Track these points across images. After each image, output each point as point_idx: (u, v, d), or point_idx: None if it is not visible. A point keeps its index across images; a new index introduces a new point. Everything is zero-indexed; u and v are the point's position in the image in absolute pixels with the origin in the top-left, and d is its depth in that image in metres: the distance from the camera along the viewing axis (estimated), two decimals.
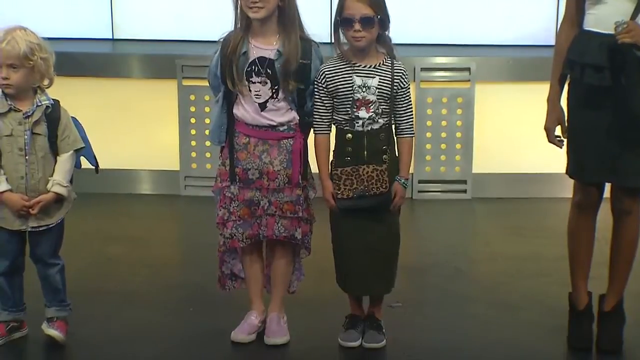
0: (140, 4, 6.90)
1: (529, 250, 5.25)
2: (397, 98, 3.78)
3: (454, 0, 6.72)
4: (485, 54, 6.42)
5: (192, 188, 6.37)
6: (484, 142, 6.30)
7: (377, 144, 3.76)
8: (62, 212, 3.88)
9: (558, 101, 3.86)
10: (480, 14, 6.71)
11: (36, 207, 3.76)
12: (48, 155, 3.79)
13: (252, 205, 3.84)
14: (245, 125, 3.80)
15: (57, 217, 3.86)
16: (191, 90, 6.22)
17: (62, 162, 3.81)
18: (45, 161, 3.79)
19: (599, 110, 3.70)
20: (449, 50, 6.56)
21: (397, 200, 3.81)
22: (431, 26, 6.73)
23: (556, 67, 3.85)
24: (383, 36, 3.77)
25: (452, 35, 6.74)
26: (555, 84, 3.86)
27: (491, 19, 6.70)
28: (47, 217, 3.83)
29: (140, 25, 6.90)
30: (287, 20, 3.72)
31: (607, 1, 3.65)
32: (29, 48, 3.71)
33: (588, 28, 3.72)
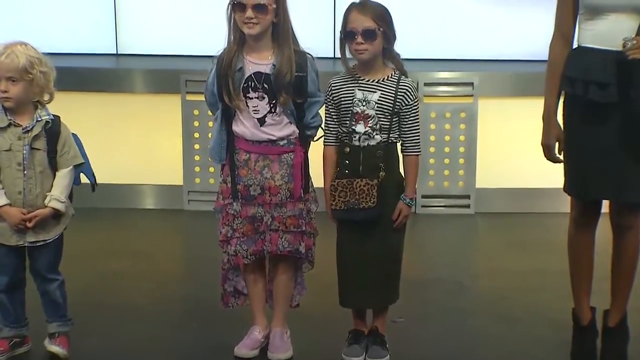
0: (144, 19, 6.92)
1: (532, 264, 5.23)
2: (402, 114, 3.77)
3: (457, 16, 6.73)
4: (488, 69, 6.43)
5: (195, 203, 6.37)
6: (487, 156, 6.30)
7: (373, 161, 3.76)
8: (60, 228, 3.87)
9: (555, 117, 3.83)
10: (483, 29, 6.72)
11: (33, 221, 3.75)
12: (47, 170, 3.79)
13: (255, 221, 3.83)
14: (245, 141, 3.80)
15: (55, 233, 3.85)
16: (195, 105, 6.23)
17: (61, 178, 3.80)
18: (43, 176, 3.78)
19: (601, 127, 3.67)
20: (452, 65, 6.57)
21: (400, 219, 3.80)
22: (434, 41, 6.74)
23: (551, 83, 3.80)
24: (390, 50, 3.77)
25: (455, 50, 6.75)
26: (551, 100, 3.82)
27: (494, 34, 6.71)
28: (44, 232, 3.82)
29: (144, 40, 6.92)
30: (281, 35, 3.73)
31: (607, 17, 3.62)
32: (29, 61, 3.71)
33: (586, 44, 3.68)
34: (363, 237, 3.81)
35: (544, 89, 3.83)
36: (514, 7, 6.67)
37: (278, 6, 3.69)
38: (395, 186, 3.82)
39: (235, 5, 3.68)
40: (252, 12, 3.64)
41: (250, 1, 3.63)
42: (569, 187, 3.85)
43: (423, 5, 6.72)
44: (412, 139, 3.81)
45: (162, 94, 6.33)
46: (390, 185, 3.79)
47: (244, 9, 3.65)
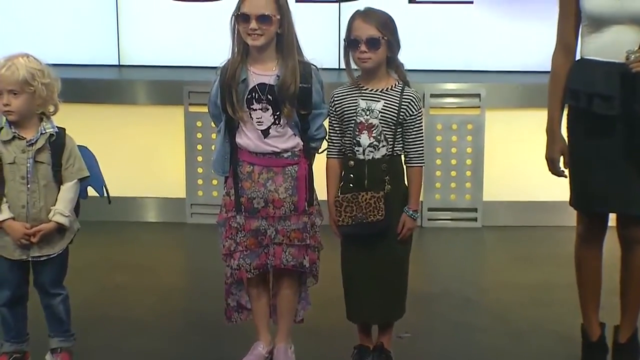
0: (147, 30, 6.93)
1: (541, 278, 5.23)
2: (405, 125, 3.77)
3: (463, 26, 6.74)
4: (495, 80, 6.44)
5: (198, 216, 6.37)
6: (495, 169, 6.29)
7: (378, 174, 3.75)
8: (65, 242, 3.86)
9: (559, 130, 3.84)
10: (490, 40, 6.73)
11: (37, 236, 3.75)
12: (51, 183, 3.78)
13: (258, 234, 3.83)
14: (249, 154, 3.80)
15: (59, 247, 3.84)
16: (198, 116, 6.23)
17: (65, 191, 3.80)
18: (47, 190, 3.78)
19: (606, 139, 3.67)
20: (459, 76, 6.57)
21: (404, 232, 3.80)
22: (441, 52, 6.74)
23: (554, 96, 3.81)
24: (394, 60, 3.78)
25: (461, 61, 6.76)
26: (555, 114, 3.82)
27: (501, 45, 6.72)
28: (48, 246, 3.81)
29: (147, 51, 6.94)
30: (286, 46, 3.73)
31: (609, 29, 3.62)
32: (30, 73, 3.71)
33: (589, 57, 3.69)
34: (368, 251, 3.80)
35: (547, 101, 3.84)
36: (521, 18, 6.67)
37: (282, 17, 3.70)
38: (401, 199, 3.81)
39: (239, 16, 3.69)
40: (256, 24, 3.64)
41: (254, 12, 3.64)
42: (574, 201, 3.85)
43: (429, 15, 6.72)
44: (416, 150, 3.80)
45: (165, 106, 6.34)
46: (396, 199, 3.78)
47: (248, 20, 3.65)
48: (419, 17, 6.66)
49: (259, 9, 3.65)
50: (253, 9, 3.65)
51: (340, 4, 6.69)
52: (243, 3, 3.69)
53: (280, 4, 3.70)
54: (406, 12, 6.53)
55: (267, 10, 3.65)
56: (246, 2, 3.68)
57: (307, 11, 6.54)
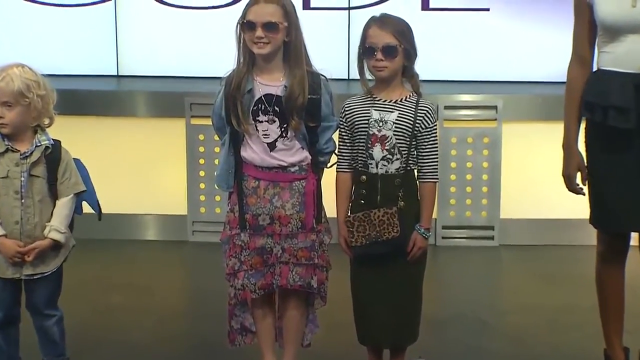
0: (146, 39, 6.96)
1: (561, 300, 5.22)
2: (419, 138, 3.77)
3: (479, 35, 6.75)
4: (513, 91, 6.44)
5: (200, 234, 6.38)
6: (512, 185, 6.29)
7: (392, 190, 3.74)
8: (59, 260, 3.86)
9: (576, 145, 3.84)
10: (507, 48, 6.74)
11: (31, 254, 3.75)
12: (46, 199, 3.79)
13: (264, 253, 3.83)
14: (254, 168, 3.80)
15: (54, 265, 3.84)
16: (200, 129, 6.25)
17: (61, 207, 3.81)
18: (42, 205, 3.78)
19: (623, 154, 3.67)
20: (475, 87, 6.58)
21: (414, 251, 3.78)
22: (455, 61, 6.76)
23: (570, 109, 3.82)
24: (409, 70, 3.79)
25: (477, 71, 6.77)
26: (571, 127, 3.83)
27: (519, 54, 6.72)
28: (42, 264, 3.81)
29: (146, 61, 6.96)
30: (293, 55, 3.74)
31: (624, 39, 3.63)
32: (25, 85, 3.72)
33: (605, 67, 3.70)
34: (380, 272, 3.80)
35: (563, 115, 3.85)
36: (541, 25, 6.67)
37: (290, 25, 3.71)
38: (415, 216, 3.81)
39: (244, 24, 3.70)
40: (262, 31, 3.66)
41: (260, 20, 3.66)
42: (593, 219, 3.85)
43: (443, 23, 6.74)
44: (430, 164, 3.80)
45: (165, 118, 6.36)
46: (409, 216, 3.77)
47: (254, 27, 3.67)
48: (433, 24, 6.67)
49: (265, 17, 3.66)
50: (259, 17, 3.66)
51: (350, 11, 6.71)
52: (249, 10, 3.70)
53: (288, 11, 3.71)
54: (419, 20, 6.54)
55: (273, 17, 3.67)
56: (252, 9, 3.70)
57: (316, 19, 6.57)
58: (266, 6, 3.68)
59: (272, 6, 3.68)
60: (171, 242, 6.40)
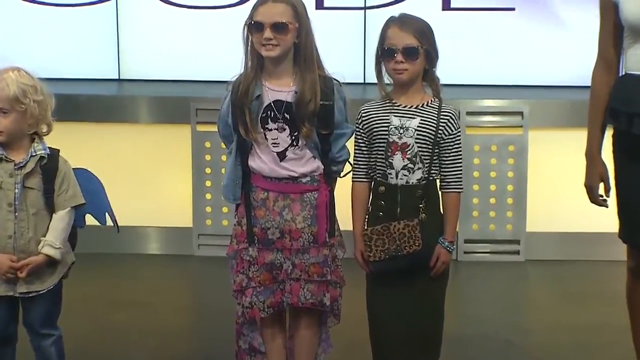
0: (149, 40, 6.98)
1: (590, 319, 5.21)
2: (442, 146, 3.78)
3: (504, 36, 6.76)
4: (540, 96, 6.44)
5: (206, 247, 6.39)
6: (539, 196, 6.29)
7: (413, 201, 3.75)
8: (56, 277, 3.85)
9: (599, 154, 3.84)
10: (534, 50, 6.74)
11: (24, 270, 3.73)
12: (42, 212, 3.78)
13: (273, 269, 3.83)
14: (263, 179, 3.81)
15: (50, 283, 3.83)
16: (207, 136, 6.26)
17: (57, 220, 3.79)
18: (37, 219, 3.77)
19: None
20: (499, 91, 6.58)
21: (438, 266, 3.79)
22: (478, 64, 6.77)
23: (594, 116, 3.82)
24: (430, 73, 3.80)
25: (502, 74, 6.77)
26: (594, 135, 3.83)
27: (547, 56, 6.73)
28: (38, 281, 3.79)
29: (149, 64, 6.98)
30: (304, 59, 3.75)
31: None
32: (21, 90, 3.70)
33: (632, 71, 3.69)
34: (399, 288, 3.80)
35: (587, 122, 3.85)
36: (569, 26, 6.68)
37: (300, 26, 3.72)
38: (438, 230, 3.82)
39: (252, 25, 3.71)
40: (270, 33, 3.67)
41: (269, 20, 3.67)
42: (622, 233, 3.85)
43: (465, 24, 6.76)
44: (454, 174, 3.82)
45: (170, 124, 6.38)
46: (432, 229, 3.78)
47: (262, 28, 3.68)
48: (454, 25, 6.69)
49: (274, 17, 3.67)
50: (267, 17, 3.68)
51: (366, 11, 6.73)
52: (256, 10, 3.72)
53: (298, 11, 3.72)
54: (439, 20, 6.54)
55: (283, 17, 3.68)
56: (260, 8, 3.71)
57: (330, 19, 6.59)
58: (275, 5, 3.69)
59: (282, 6, 3.69)
60: (175, 256, 6.41)
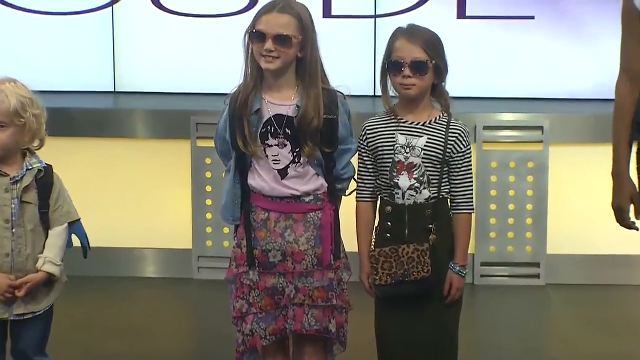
0: (147, 51, 7.01)
1: (617, 348, 5.20)
2: (452, 164, 3.78)
3: (522, 46, 6.77)
4: (561, 110, 6.44)
5: (206, 270, 6.39)
6: (561, 216, 6.28)
7: (421, 222, 3.75)
8: (52, 298, 3.85)
9: (628, 173, 3.83)
10: (555, 61, 6.75)
11: (23, 289, 3.73)
12: (38, 228, 3.78)
13: (275, 294, 3.83)
14: (264, 198, 3.81)
15: (46, 304, 3.83)
16: (207, 152, 6.26)
17: (55, 237, 3.80)
18: (35, 235, 3.78)
19: None
20: (518, 105, 6.59)
21: (453, 293, 3.79)
22: (496, 76, 6.77)
23: (620, 132, 3.79)
24: (439, 88, 3.80)
25: (521, 87, 6.78)
26: (621, 153, 3.81)
27: (568, 67, 6.73)
28: (34, 303, 3.79)
29: (147, 76, 7.01)
30: (307, 74, 3.75)
31: None
32: (20, 103, 3.71)
33: None
34: (410, 315, 3.80)
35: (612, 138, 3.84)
36: (593, 36, 6.68)
37: (305, 39, 3.72)
38: (450, 252, 3.82)
39: (254, 34, 3.72)
40: (272, 44, 3.67)
41: (272, 31, 3.67)
42: None
43: (482, 33, 6.77)
44: (464, 193, 3.82)
45: (169, 140, 6.38)
46: (443, 251, 3.78)
47: (264, 39, 3.68)
48: (470, 35, 6.71)
49: (278, 28, 3.68)
50: (271, 27, 3.68)
51: (377, 20, 6.74)
52: (260, 19, 3.72)
53: (304, 24, 3.72)
54: (454, 29, 6.58)
55: (287, 30, 3.68)
56: (263, 17, 3.71)
57: (338, 28, 6.60)
58: (280, 16, 3.70)
59: (287, 17, 3.70)
60: (174, 279, 6.41)
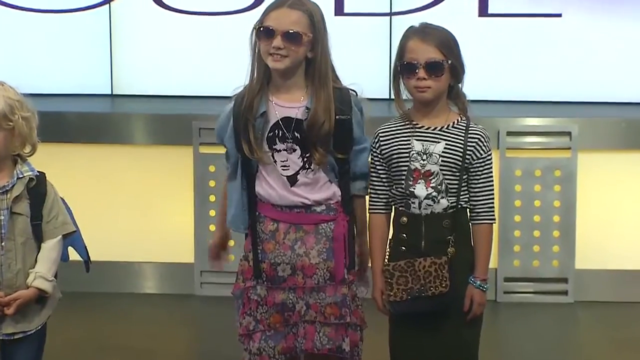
0: (146, 51, 7.04)
1: None
2: (471, 172, 3.79)
3: (549, 45, 6.78)
4: (590, 114, 6.44)
5: (210, 286, 6.39)
6: (590, 228, 6.27)
7: (439, 234, 3.76)
8: (44, 316, 3.85)
9: None
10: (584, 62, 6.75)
11: (13, 306, 3.72)
12: (30, 241, 3.77)
13: (285, 310, 3.83)
14: (272, 207, 3.81)
15: (38, 322, 3.83)
16: (211, 159, 6.26)
17: (48, 250, 3.79)
18: (26, 249, 3.77)
19: None
20: (544, 108, 6.59)
21: (474, 309, 3.79)
22: (520, 78, 6.78)
23: None
24: (456, 90, 3.81)
25: (547, 89, 6.78)
26: None
27: (598, 69, 6.74)
28: (25, 321, 3.78)
29: (146, 78, 7.03)
30: (318, 75, 3.75)
31: None
32: (9, 105, 3.70)
33: None
34: (427, 333, 3.80)
35: None
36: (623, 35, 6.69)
37: (316, 38, 3.72)
38: (469, 266, 3.82)
39: (261, 30, 3.73)
40: (281, 41, 3.67)
41: (281, 27, 3.68)
42: None
43: (505, 32, 6.78)
44: (484, 202, 3.82)
45: (169, 146, 6.39)
46: (462, 265, 3.78)
47: (272, 35, 3.69)
48: (492, 33, 6.71)
49: (288, 24, 3.68)
50: (280, 23, 3.69)
51: (392, 17, 6.75)
52: (268, 14, 3.73)
53: (315, 22, 3.73)
54: (475, 27, 6.58)
55: (297, 27, 3.69)
56: (272, 13, 3.72)
57: (350, 26, 6.62)
58: (290, 12, 3.70)
59: (298, 13, 3.71)
60: (175, 295, 6.42)
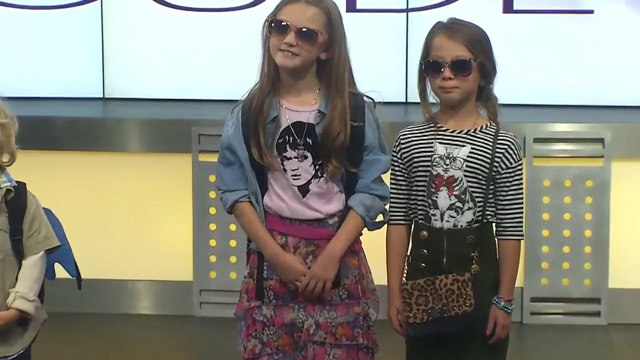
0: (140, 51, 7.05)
1: None
2: (499, 182, 3.78)
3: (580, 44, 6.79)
4: (625, 119, 6.46)
5: (209, 306, 6.39)
6: (625, 243, 6.27)
7: (463, 250, 3.75)
8: (27, 339, 3.84)
9: None
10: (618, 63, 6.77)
11: None
12: (9, 258, 3.77)
13: (294, 330, 3.82)
14: (281, 220, 3.81)
15: (20, 346, 3.82)
16: (211, 168, 6.20)
17: (29, 268, 3.78)
18: (5, 266, 3.76)
19: None
20: (574, 113, 6.60)
21: (498, 332, 3.78)
22: (548, 80, 6.79)
23: None
24: (486, 91, 3.81)
25: (577, 93, 6.79)
26: None
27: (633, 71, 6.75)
28: (5, 344, 3.78)
29: (140, 80, 7.05)
30: (335, 81, 3.73)
31: None
32: None
33: None
34: (446, 357, 3.80)
35: None
36: None
37: (332, 39, 3.70)
38: (494, 285, 3.82)
39: (274, 24, 3.70)
40: (294, 38, 3.65)
41: (296, 23, 3.65)
42: None
43: (532, 30, 6.80)
44: (512, 217, 3.81)
45: (166, 153, 6.40)
46: (486, 284, 3.78)
47: (285, 30, 3.66)
48: (518, 31, 6.74)
49: (303, 21, 3.67)
50: (294, 19, 3.67)
51: (409, 14, 6.75)
52: (282, 8, 3.71)
53: (332, 22, 3.71)
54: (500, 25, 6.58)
55: (313, 24, 3.67)
56: (287, 7, 3.70)
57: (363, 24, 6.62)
58: (307, 8, 3.69)
59: (315, 10, 3.69)
60: (172, 317, 6.42)
